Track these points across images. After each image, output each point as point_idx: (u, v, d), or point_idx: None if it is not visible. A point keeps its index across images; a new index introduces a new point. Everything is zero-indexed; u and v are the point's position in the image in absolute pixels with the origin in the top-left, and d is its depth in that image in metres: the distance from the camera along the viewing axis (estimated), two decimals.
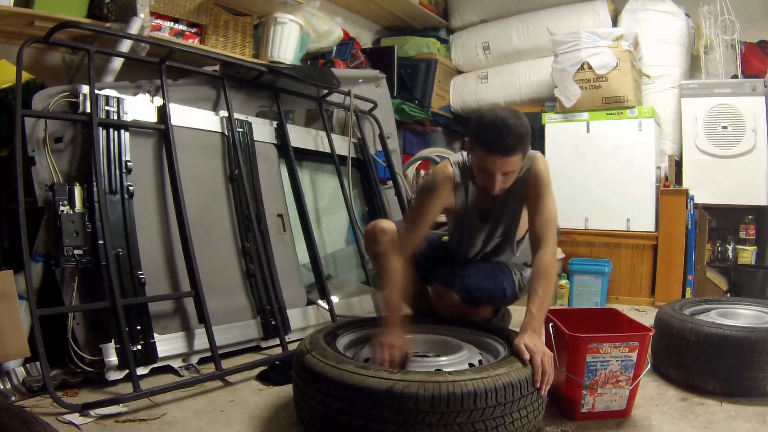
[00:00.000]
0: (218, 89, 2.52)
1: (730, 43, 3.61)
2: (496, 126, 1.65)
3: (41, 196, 1.89)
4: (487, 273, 2.03)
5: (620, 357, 1.60)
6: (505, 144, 1.65)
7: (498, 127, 1.65)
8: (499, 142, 1.65)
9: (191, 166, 2.27)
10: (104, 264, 1.90)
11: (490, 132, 1.66)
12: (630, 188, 3.46)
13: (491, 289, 2.01)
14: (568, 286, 3.36)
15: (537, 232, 1.76)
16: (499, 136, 1.65)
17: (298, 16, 3.00)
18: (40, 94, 1.95)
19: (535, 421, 1.44)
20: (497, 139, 1.65)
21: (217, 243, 2.32)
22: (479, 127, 1.70)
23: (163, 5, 2.52)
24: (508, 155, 1.66)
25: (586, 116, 3.59)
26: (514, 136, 1.64)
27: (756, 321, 2.04)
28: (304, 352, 1.51)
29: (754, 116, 3.37)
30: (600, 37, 3.47)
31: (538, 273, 1.68)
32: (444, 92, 4.38)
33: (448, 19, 4.55)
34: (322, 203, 3.14)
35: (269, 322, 2.33)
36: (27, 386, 1.74)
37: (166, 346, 2.03)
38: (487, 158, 1.68)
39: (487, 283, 2.00)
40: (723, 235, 3.66)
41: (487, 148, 1.67)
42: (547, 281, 1.66)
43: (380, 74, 3.48)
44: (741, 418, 1.67)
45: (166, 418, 1.64)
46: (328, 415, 1.38)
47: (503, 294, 2.03)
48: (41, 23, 2.08)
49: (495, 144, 1.66)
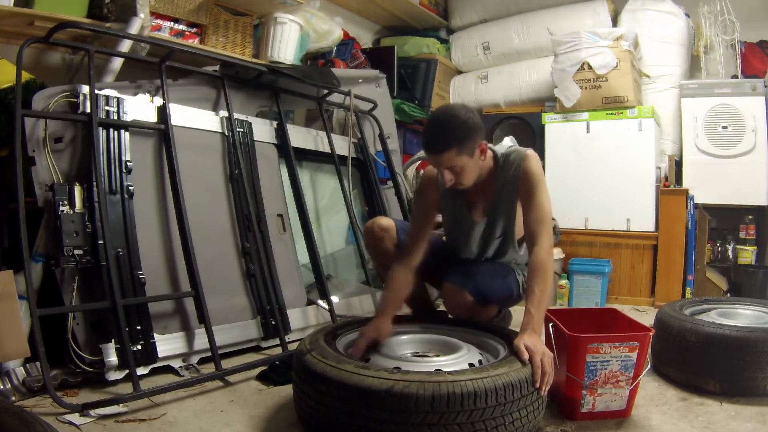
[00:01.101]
0: (218, 89, 2.52)
1: (730, 43, 3.61)
2: (428, 125, 1.78)
3: (41, 196, 1.89)
4: (496, 273, 2.04)
5: (620, 357, 1.60)
6: (434, 143, 1.73)
7: (429, 126, 1.77)
8: (429, 141, 1.75)
9: (191, 166, 2.27)
10: (104, 264, 1.90)
11: (425, 131, 1.79)
12: (630, 188, 3.46)
13: (502, 289, 2.02)
14: (568, 286, 3.36)
15: (530, 229, 1.77)
16: (429, 135, 1.75)
17: (298, 16, 3.00)
18: (40, 94, 1.95)
19: (535, 421, 1.44)
20: (428, 138, 1.76)
21: (217, 243, 2.32)
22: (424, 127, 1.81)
23: (163, 5, 2.52)
24: (440, 153, 1.72)
25: (586, 116, 3.59)
26: (443, 135, 1.71)
27: (756, 321, 2.04)
28: (304, 352, 1.51)
29: (754, 116, 3.38)
30: (600, 37, 3.47)
31: (534, 271, 1.68)
32: (444, 92, 4.38)
33: (448, 19, 4.55)
34: (322, 203, 3.14)
35: (269, 322, 2.33)
36: (27, 386, 1.74)
37: (166, 346, 2.03)
38: (430, 159, 1.78)
39: (498, 283, 2.01)
40: (723, 235, 3.66)
41: (425, 148, 1.78)
42: (544, 279, 1.65)
43: (380, 74, 3.48)
44: (741, 418, 1.67)
45: (166, 418, 1.64)
46: (328, 415, 1.38)
47: (510, 294, 2.05)
48: (41, 23, 2.08)
49: (427, 143, 1.76)
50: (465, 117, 1.72)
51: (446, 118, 1.72)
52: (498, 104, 4.24)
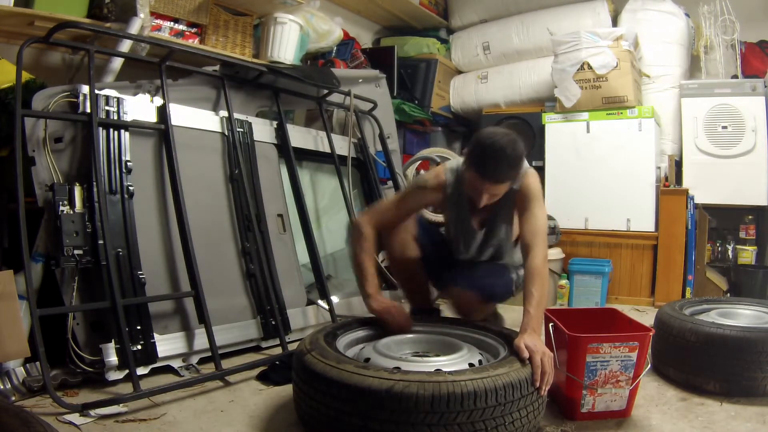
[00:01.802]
0: (218, 89, 2.52)
1: (730, 43, 3.61)
2: (493, 154, 1.73)
3: (41, 196, 1.89)
4: (497, 273, 2.12)
5: (620, 357, 1.60)
6: (497, 173, 1.76)
7: (495, 156, 1.73)
8: (492, 171, 1.75)
9: (191, 166, 2.27)
10: (104, 264, 1.89)
11: (487, 159, 1.74)
12: (630, 188, 3.46)
13: (503, 288, 2.10)
14: (568, 286, 3.36)
15: (526, 240, 1.83)
16: (494, 165, 1.74)
17: (298, 16, 3.00)
18: (40, 94, 1.95)
19: (535, 421, 1.44)
20: (492, 167, 1.75)
21: (217, 243, 2.32)
22: (478, 149, 1.77)
23: (163, 5, 2.52)
24: (499, 183, 1.78)
25: (586, 116, 3.59)
26: (507, 167, 1.75)
27: (756, 321, 2.04)
28: (304, 352, 1.51)
29: (754, 116, 3.38)
30: (600, 37, 3.47)
31: (532, 275, 1.73)
32: (444, 92, 4.38)
33: (448, 19, 4.55)
34: (322, 203, 3.14)
35: (269, 322, 2.33)
36: (27, 386, 1.74)
37: (166, 346, 2.03)
38: (479, 181, 1.78)
39: (500, 283, 2.09)
40: (723, 235, 3.66)
41: (480, 172, 1.77)
42: (542, 282, 1.71)
43: (380, 74, 3.48)
44: (741, 418, 1.67)
45: (166, 418, 1.64)
46: (328, 415, 1.38)
47: (510, 291, 2.13)
48: (41, 23, 2.08)
49: (489, 171, 1.76)
50: (521, 151, 1.78)
51: (510, 151, 1.73)
52: (498, 104, 4.24)
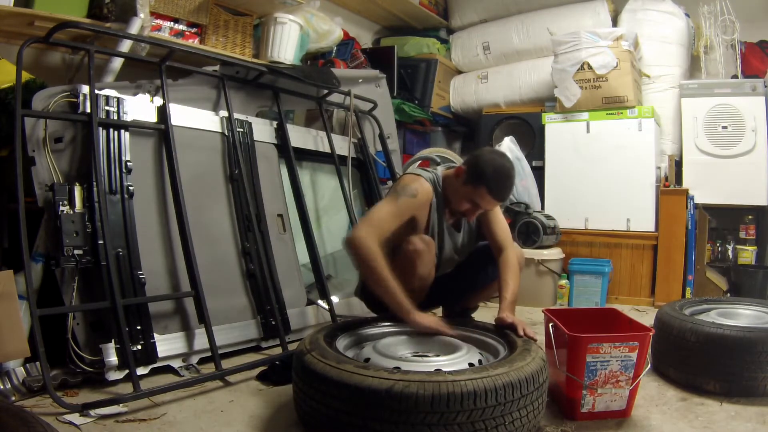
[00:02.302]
0: (218, 89, 2.52)
1: (730, 43, 3.62)
2: (508, 180, 1.94)
3: (41, 196, 1.89)
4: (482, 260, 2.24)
5: (620, 357, 1.60)
6: (508, 195, 2.00)
7: (509, 180, 1.95)
8: (505, 193, 1.98)
9: (191, 166, 2.27)
10: (104, 264, 1.89)
11: (503, 183, 1.93)
12: (630, 188, 3.47)
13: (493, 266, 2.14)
14: (568, 286, 3.36)
15: (498, 240, 2.08)
16: (509, 189, 1.97)
17: (298, 16, 3.00)
18: (40, 94, 1.95)
19: (535, 421, 1.44)
20: (507, 190, 1.97)
21: (217, 243, 2.31)
22: (494, 174, 1.90)
23: (163, 5, 2.52)
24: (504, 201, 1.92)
25: (586, 116, 3.59)
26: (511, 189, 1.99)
27: (756, 321, 2.04)
28: (304, 352, 1.51)
29: (754, 116, 3.38)
30: (600, 37, 3.47)
31: (508, 267, 1.99)
32: (444, 92, 4.39)
33: (448, 19, 4.55)
34: (322, 203, 3.14)
35: (269, 322, 2.33)
36: (27, 386, 1.74)
37: (166, 346, 2.03)
38: (487, 200, 1.94)
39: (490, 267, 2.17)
40: (723, 235, 3.66)
41: (493, 194, 1.92)
42: (516, 274, 1.99)
43: (380, 74, 3.48)
44: (741, 418, 1.67)
45: (166, 418, 1.64)
46: (328, 415, 1.38)
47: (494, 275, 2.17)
48: (41, 23, 2.08)
49: (503, 194, 1.97)
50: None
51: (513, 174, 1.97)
52: (498, 104, 4.24)
